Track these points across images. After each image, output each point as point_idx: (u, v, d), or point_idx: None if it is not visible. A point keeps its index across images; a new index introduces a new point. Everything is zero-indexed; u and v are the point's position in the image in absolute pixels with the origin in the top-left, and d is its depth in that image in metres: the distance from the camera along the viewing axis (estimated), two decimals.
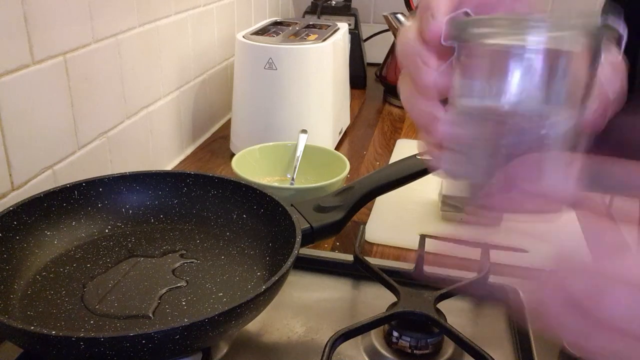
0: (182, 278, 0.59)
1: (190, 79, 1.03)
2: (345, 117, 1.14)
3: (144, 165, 0.89)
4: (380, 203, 0.84)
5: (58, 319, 0.52)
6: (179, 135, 1.01)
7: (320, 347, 0.51)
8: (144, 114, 0.88)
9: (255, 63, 0.95)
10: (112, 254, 0.62)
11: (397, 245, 0.76)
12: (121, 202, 0.67)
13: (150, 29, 0.87)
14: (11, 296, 0.54)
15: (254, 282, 0.59)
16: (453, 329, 0.53)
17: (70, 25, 0.68)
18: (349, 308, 0.65)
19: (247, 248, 0.63)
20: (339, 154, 0.85)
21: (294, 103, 0.96)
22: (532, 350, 0.54)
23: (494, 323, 0.61)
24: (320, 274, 0.68)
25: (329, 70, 0.98)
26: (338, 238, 0.76)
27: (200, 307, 0.55)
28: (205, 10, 1.06)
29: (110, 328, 0.51)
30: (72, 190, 0.64)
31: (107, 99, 0.78)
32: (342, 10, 1.43)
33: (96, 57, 0.74)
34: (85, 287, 0.57)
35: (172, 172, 0.71)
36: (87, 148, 0.75)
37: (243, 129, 1.01)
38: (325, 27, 1.08)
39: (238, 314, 0.46)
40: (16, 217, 0.58)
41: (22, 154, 0.63)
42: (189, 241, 0.65)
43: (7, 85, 0.60)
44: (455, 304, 0.62)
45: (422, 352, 0.55)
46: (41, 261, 0.59)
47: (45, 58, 0.65)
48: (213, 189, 0.68)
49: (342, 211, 0.63)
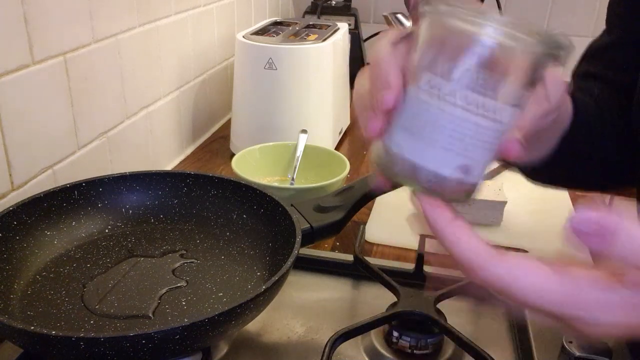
0: (182, 278, 0.59)
1: (190, 79, 1.03)
2: (345, 117, 1.14)
3: (144, 165, 0.89)
4: (380, 203, 0.84)
5: (58, 319, 0.52)
6: (179, 135, 1.01)
7: (320, 347, 0.51)
8: (143, 114, 0.88)
9: (255, 63, 0.95)
10: (112, 254, 0.62)
11: (397, 245, 0.76)
12: (121, 202, 0.67)
13: (150, 29, 0.87)
14: (11, 296, 0.54)
15: (254, 282, 0.59)
16: (453, 329, 0.53)
17: (70, 25, 0.68)
18: (349, 308, 0.65)
19: (247, 248, 0.63)
20: (339, 154, 0.85)
21: (294, 103, 0.96)
22: (532, 350, 0.54)
23: (494, 323, 0.61)
24: (320, 274, 0.68)
25: (329, 70, 0.98)
26: (338, 238, 0.76)
27: (200, 307, 0.55)
28: (205, 10, 1.06)
29: (110, 328, 0.51)
30: (72, 190, 0.64)
31: (107, 99, 0.78)
32: (342, 10, 1.43)
33: (96, 57, 0.74)
34: (85, 287, 0.57)
35: (172, 172, 0.71)
36: (87, 148, 0.75)
37: (243, 129, 1.01)
38: (325, 27, 1.08)
39: (238, 314, 0.46)
40: (16, 217, 0.58)
41: (22, 154, 0.63)
42: (189, 241, 0.65)
43: (7, 85, 0.60)
44: (455, 304, 0.62)
45: (422, 352, 0.55)
46: (41, 261, 0.59)
47: (45, 58, 0.65)
48: (213, 189, 0.68)
49: (342, 211, 0.63)
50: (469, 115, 0.30)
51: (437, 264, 0.66)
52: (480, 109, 0.30)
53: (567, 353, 0.51)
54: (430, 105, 0.31)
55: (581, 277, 0.27)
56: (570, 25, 1.46)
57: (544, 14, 1.48)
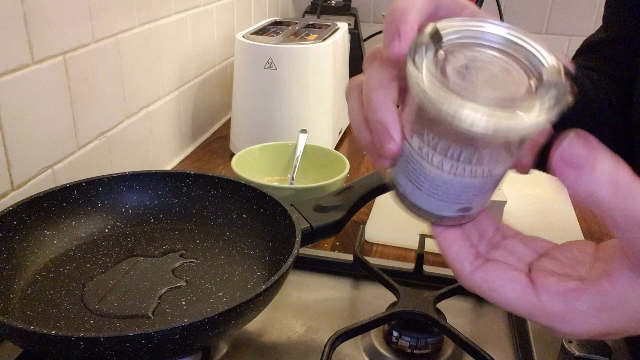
0: (182, 278, 0.59)
1: (190, 79, 1.03)
2: (345, 117, 1.14)
3: (144, 165, 0.89)
4: (380, 203, 0.84)
5: (58, 319, 0.52)
6: (179, 135, 1.01)
7: (320, 347, 0.51)
8: (143, 114, 0.88)
9: (255, 63, 0.95)
10: (112, 254, 0.62)
11: (397, 245, 0.76)
12: (121, 202, 0.67)
13: (150, 29, 0.87)
14: (11, 296, 0.54)
15: (254, 282, 0.59)
16: (453, 329, 0.53)
17: (70, 25, 0.68)
18: (349, 308, 0.65)
19: (247, 248, 0.63)
20: (339, 154, 0.85)
21: (294, 103, 0.96)
22: (532, 350, 0.54)
23: (494, 323, 0.61)
24: (320, 274, 0.68)
25: (329, 70, 0.98)
26: (338, 238, 0.76)
27: (200, 307, 0.55)
28: (205, 10, 1.06)
29: (110, 328, 0.51)
30: (72, 190, 0.64)
31: (107, 99, 0.78)
32: (342, 10, 1.43)
33: (96, 57, 0.74)
34: (85, 287, 0.57)
35: (172, 172, 0.71)
36: (87, 148, 0.75)
37: (243, 129, 1.01)
38: (325, 27, 1.08)
39: (238, 314, 0.46)
40: (16, 217, 0.58)
41: (22, 154, 0.63)
42: (189, 241, 0.65)
43: (7, 85, 0.60)
44: (455, 304, 0.62)
45: (422, 352, 0.55)
46: (41, 261, 0.59)
47: (45, 58, 0.65)
48: (213, 189, 0.68)
49: (342, 211, 0.63)
50: (461, 179, 0.30)
51: (437, 264, 0.66)
52: (471, 174, 0.30)
53: (567, 353, 0.51)
54: (424, 168, 0.31)
55: (552, 288, 0.29)
56: (570, 25, 1.47)
57: (544, 14, 1.48)
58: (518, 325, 0.59)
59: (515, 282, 0.29)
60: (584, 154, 0.26)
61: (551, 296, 0.28)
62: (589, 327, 0.28)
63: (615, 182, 0.25)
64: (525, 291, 0.29)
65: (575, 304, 0.28)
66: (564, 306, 0.28)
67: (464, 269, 0.31)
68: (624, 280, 0.27)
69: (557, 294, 0.28)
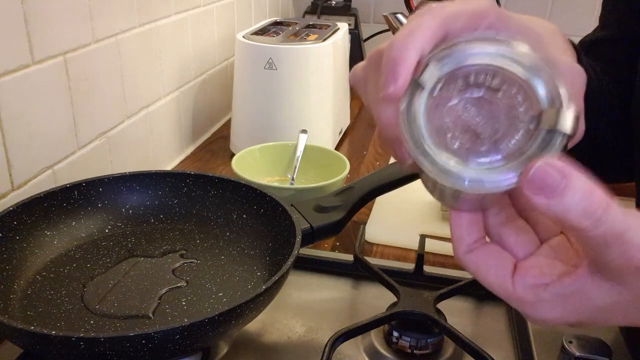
0: (182, 278, 0.59)
1: (190, 79, 1.03)
2: (345, 117, 1.14)
3: (144, 165, 0.89)
4: (380, 203, 0.84)
5: (58, 319, 0.52)
6: (179, 135, 1.01)
7: (320, 347, 0.51)
8: (143, 114, 0.88)
9: (255, 63, 0.95)
10: (112, 254, 0.62)
11: (397, 245, 0.76)
12: (121, 202, 0.67)
13: (150, 29, 0.87)
14: (11, 296, 0.54)
15: (254, 282, 0.59)
16: (453, 329, 0.53)
17: (70, 25, 0.68)
18: (349, 308, 0.65)
19: (247, 248, 0.63)
20: (339, 154, 0.85)
21: (294, 103, 0.96)
22: (532, 350, 0.54)
23: (494, 323, 0.61)
24: (320, 274, 0.68)
25: (329, 70, 0.98)
26: (338, 238, 0.76)
27: (200, 307, 0.55)
28: (205, 10, 1.06)
29: (110, 328, 0.51)
30: (72, 190, 0.64)
31: (107, 99, 0.78)
32: (342, 10, 1.43)
33: (96, 57, 0.74)
34: (85, 287, 0.57)
35: (172, 172, 0.71)
36: (87, 148, 0.75)
37: (243, 129, 1.01)
38: (325, 27, 1.08)
39: (238, 314, 0.46)
40: (16, 217, 0.58)
41: (22, 154, 0.63)
42: (189, 241, 0.65)
43: (7, 85, 0.60)
44: (455, 304, 0.62)
45: (422, 352, 0.55)
46: (41, 261, 0.59)
47: (45, 58, 0.65)
48: (213, 189, 0.68)
49: (342, 211, 0.63)
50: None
51: (437, 264, 0.66)
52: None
53: (567, 353, 0.51)
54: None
55: (527, 281, 0.31)
56: (570, 25, 1.46)
57: (544, 14, 1.48)
58: (518, 325, 0.59)
59: (498, 269, 0.32)
60: (556, 178, 0.27)
61: (524, 287, 0.31)
62: (556, 314, 0.31)
63: (585, 208, 0.27)
64: (505, 279, 0.32)
65: (542, 294, 0.31)
66: (532, 295, 0.31)
67: (458, 249, 0.33)
68: (583, 277, 0.30)
69: (530, 286, 0.31)
